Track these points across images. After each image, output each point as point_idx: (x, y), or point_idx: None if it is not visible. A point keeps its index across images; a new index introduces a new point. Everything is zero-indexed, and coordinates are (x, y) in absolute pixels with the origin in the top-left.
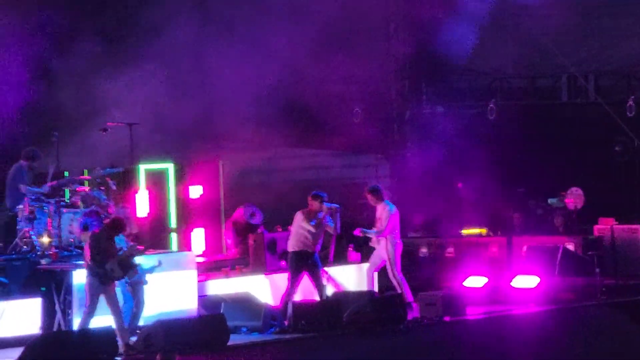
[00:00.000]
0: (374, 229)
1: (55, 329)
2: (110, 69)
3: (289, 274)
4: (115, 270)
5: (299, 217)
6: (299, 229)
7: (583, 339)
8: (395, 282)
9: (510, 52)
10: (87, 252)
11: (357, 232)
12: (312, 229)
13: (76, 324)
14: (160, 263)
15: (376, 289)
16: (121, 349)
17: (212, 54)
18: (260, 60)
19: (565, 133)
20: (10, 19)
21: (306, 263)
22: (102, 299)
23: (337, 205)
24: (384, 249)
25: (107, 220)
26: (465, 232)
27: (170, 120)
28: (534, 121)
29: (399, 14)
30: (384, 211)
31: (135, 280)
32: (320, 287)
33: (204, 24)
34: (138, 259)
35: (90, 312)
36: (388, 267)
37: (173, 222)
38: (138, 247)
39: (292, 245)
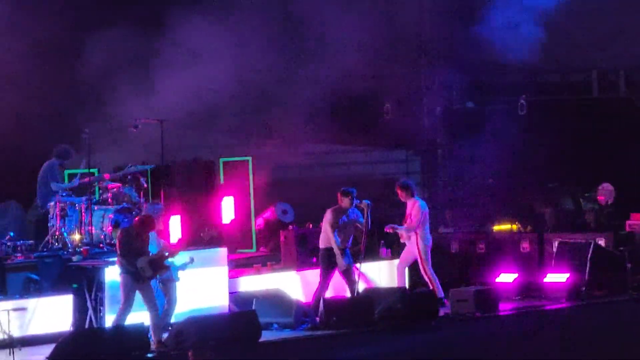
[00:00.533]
0: (405, 225)
1: (86, 326)
2: (141, 64)
3: (320, 270)
4: (145, 269)
5: (328, 216)
6: (329, 227)
7: (614, 335)
8: (426, 278)
9: (541, 47)
10: (117, 249)
11: (388, 228)
12: (335, 242)
13: (108, 320)
14: (192, 260)
15: (407, 285)
16: (153, 346)
17: (245, 51)
18: (293, 57)
19: (596, 128)
20: (40, 12)
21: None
22: (138, 296)
23: (368, 202)
24: (414, 245)
25: (137, 218)
26: (496, 228)
27: (203, 116)
28: (565, 116)
29: (430, 10)
30: (415, 207)
31: (166, 277)
32: (351, 283)
33: (238, 18)
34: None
35: (125, 309)
36: (419, 263)
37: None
38: (170, 250)
39: (322, 242)
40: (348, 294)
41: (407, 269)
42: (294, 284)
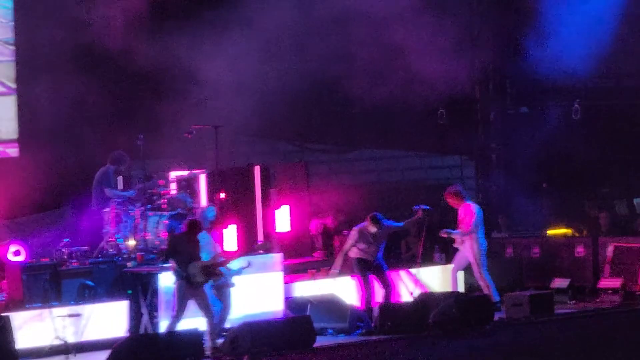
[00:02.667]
0: (459, 230)
1: (141, 331)
2: (196, 71)
3: (359, 278)
4: (197, 275)
5: (353, 235)
6: (347, 243)
7: None
8: (482, 283)
9: (594, 51)
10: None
11: (443, 233)
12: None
13: (162, 326)
14: (249, 264)
15: (461, 289)
16: (208, 351)
17: (299, 57)
18: (344, 62)
19: None
20: (95, 18)
21: (370, 266)
22: (191, 303)
23: (427, 207)
24: (469, 249)
25: (184, 223)
26: (550, 232)
27: (255, 122)
28: (619, 121)
29: (483, 13)
30: (468, 211)
31: (221, 283)
32: (386, 288)
33: (294, 24)
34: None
35: (177, 315)
36: (474, 267)
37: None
38: (223, 259)
39: (353, 253)
40: (379, 299)
41: (462, 273)
42: (349, 289)
